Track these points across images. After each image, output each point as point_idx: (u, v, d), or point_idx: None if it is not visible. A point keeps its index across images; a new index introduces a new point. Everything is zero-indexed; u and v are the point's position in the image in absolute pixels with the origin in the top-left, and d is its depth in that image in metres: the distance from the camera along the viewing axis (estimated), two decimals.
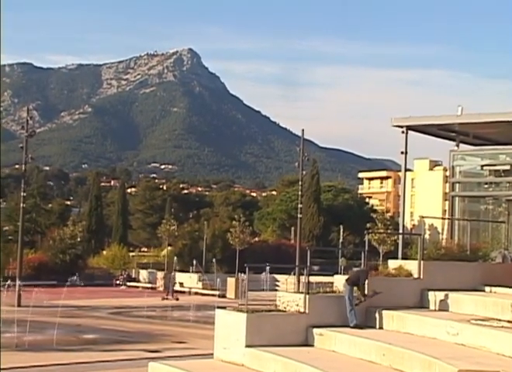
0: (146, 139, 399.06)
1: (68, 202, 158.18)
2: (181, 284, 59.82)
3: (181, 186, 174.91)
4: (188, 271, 62.05)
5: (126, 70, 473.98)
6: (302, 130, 56.92)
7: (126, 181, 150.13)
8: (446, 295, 19.24)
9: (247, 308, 17.84)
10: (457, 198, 25.05)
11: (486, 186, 25.02)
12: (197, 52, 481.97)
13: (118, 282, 64.57)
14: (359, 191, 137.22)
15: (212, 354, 18.06)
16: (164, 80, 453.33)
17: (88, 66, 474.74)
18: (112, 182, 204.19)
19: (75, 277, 60.10)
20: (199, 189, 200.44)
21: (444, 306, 19.09)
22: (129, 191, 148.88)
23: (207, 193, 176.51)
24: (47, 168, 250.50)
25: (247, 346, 17.14)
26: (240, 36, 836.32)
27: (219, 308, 19.21)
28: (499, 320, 16.94)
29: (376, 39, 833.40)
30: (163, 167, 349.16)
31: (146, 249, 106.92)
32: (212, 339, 18.22)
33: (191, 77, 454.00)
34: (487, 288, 20.11)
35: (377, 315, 18.50)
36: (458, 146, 25.97)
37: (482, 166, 25.02)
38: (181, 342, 28.34)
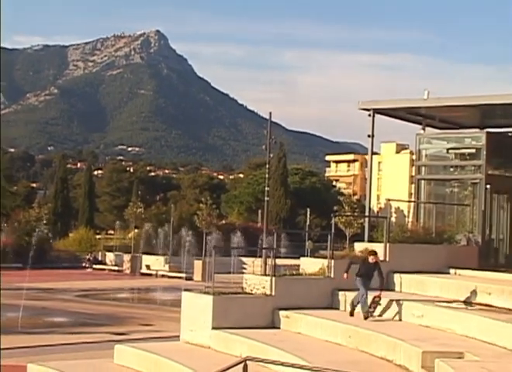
0: (113, 121, 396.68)
1: (34, 185, 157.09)
2: (148, 267, 59.77)
3: (148, 168, 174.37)
4: (154, 254, 61.94)
5: (92, 52, 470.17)
6: (270, 113, 56.93)
7: (92, 164, 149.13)
8: (411, 277, 19.40)
9: (213, 290, 17.84)
10: (423, 181, 25.18)
11: (451, 169, 25.17)
12: (164, 34, 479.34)
13: (84, 265, 64.33)
14: (326, 174, 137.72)
15: (178, 337, 18.06)
16: (131, 62, 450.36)
17: (54, 47, 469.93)
18: (79, 164, 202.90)
19: None
20: (166, 172, 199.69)
21: (409, 288, 19.24)
22: (95, 173, 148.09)
23: (174, 175, 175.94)
24: (12, 150, 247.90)
25: (214, 328, 17.16)
26: (208, 19, 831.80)
27: (185, 290, 19.21)
28: (464, 302, 17.13)
29: (346, 23, 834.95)
30: (130, 149, 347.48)
31: (112, 232, 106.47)
32: (179, 321, 18.21)
33: (158, 59, 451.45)
34: (452, 271, 20.31)
35: (343, 298, 18.60)
36: (424, 129, 26.08)
37: (448, 149, 25.15)
38: (147, 325, 28.33)
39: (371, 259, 17.10)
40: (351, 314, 16.97)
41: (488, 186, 23.21)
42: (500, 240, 24.28)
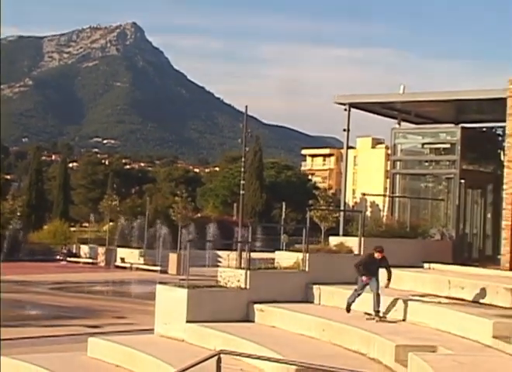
0: (88, 113, 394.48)
1: (8, 176, 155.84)
2: (123, 260, 59.59)
3: (123, 161, 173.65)
4: (129, 247, 61.76)
5: (68, 43, 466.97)
6: (246, 107, 56.85)
7: (67, 156, 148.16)
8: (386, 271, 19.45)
9: (188, 283, 17.82)
10: (398, 176, 25.29)
11: (426, 164, 25.30)
12: (141, 26, 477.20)
13: (59, 257, 64.00)
14: (302, 168, 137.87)
15: (152, 330, 18.03)
16: (107, 54, 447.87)
17: (28, 38, 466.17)
18: (54, 157, 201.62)
19: None
20: (142, 164, 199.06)
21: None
22: (70, 165, 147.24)
23: (150, 168, 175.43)
24: None
25: (188, 321, 17.15)
26: (185, 11, 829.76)
27: (160, 283, 19.17)
28: (437, 296, 17.22)
29: (321, 17, 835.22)
30: (105, 141, 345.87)
31: (87, 225, 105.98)
32: (153, 314, 18.18)
33: (134, 51, 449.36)
34: (426, 265, 20.43)
35: (317, 291, 18.65)
36: (399, 124, 26.19)
37: (423, 144, 25.28)
38: (121, 318, 28.26)
39: (377, 255, 16.44)
40: (348, 310, 16.54)
41: (462, 181, 23.36)
42: (474, 235, 24.45)
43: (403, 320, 16.08)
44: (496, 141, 24.11)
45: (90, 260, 62.70)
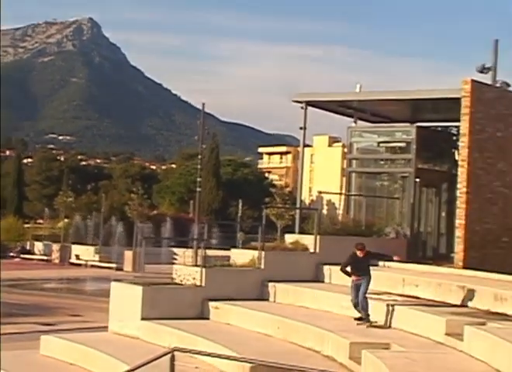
0: (43, 109, 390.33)
1: None
2: (78, 257, 59.10)
3: (79, 157, 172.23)
4: (84, 244, 61.28)
5: (23, 38, 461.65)
6: (203, 104, 56.81)
7: (21, 152, 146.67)
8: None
9: (143, 280, 17.76)
10: (354, 174, 25.43)
11: (382, 163, 25.47)
12: (97, 21, 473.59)
13: (12, 254, 63.25)
14: (259, 166, 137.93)
15: (107, 327, 17.92)
16: (63, 50, 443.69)
17: None
18: (8, 152, 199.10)
19: None
20: (98, 161, 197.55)
21: (339, 280, 19.37)
22: (25, 161, 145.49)
23: (106, 165, 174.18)
24: None
25: (143, 319, 17.09)
26: (142, 7, 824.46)
27: (115, 280, 19.06)
28: (391, 294, 17.35)
29: (278, 15, 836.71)
30: (61, 138, 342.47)
31: (42, 221, 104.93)
32: (108, 312, 18.06)
33: (91, 46, 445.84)
34: (381, 263, 20.52)
35: (273, 289, 18.68)
36: (355, 122, 26.33)
37: (379, 143, 25.45)
38: (76, 316, 28.01)
39: (358, 253, 15.49)
40: (365, 318, 15.26)
41: (417, 180, 23.56)
42: (428, 233, 24.69)
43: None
44: (451, 140, 24.35)
45: (44, 257, 62.07)
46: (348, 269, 15.82)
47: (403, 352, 12.71)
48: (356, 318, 15.30)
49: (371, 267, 15.88)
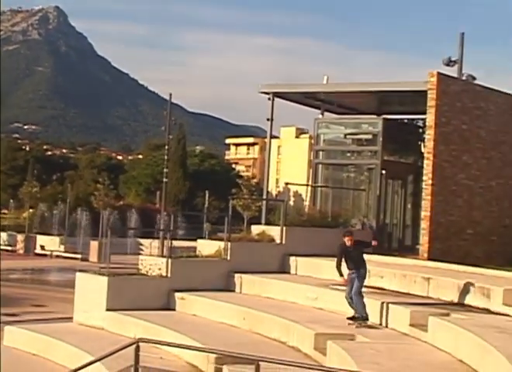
0: (8, 98, 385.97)
1: None
2: (43, 247, 58.63)
3: (44, 147, 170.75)
4: (50, 234, 60.81)
5: None
6: (170, 94, 56.53)
7: None
8: (307, 260, 19.63)
9: (108, 271, 17.66)
10: (320, 166, 25.48)
11: (348, 154, 25.55)
12: (64, 10, 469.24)
13: None
14: (226, 157, 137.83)
15: (72, 318, 17.81)
16: (28, 38, 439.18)
17: None
18: None
19: None
20: (64, 151, 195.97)
21: (304, 271, 19.47)
22: None
23: (72, 155, 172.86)
24: None
25: (108, 309, 17.02)
26: None
27: (80, 271, 18.95)
28: None
29: (247, 6, 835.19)
30: (26, 127, 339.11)
31: (6, 211, 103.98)
32: (73, 302, 17.96)
33: (57, 35, 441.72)
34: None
35: (239, 280, 18.68)
36: (322, 114, 26.38)
37: (346, 134, 25.52)
38: (40, 306, 27.76)
39: (347, 241, 14.57)
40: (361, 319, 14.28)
41: (383, 171, 23.66)
42: (394, 225, 24.82)
43: (321, 309, 16.24)
44: (417, 133, 24.49)
45: (9, 248, 61.44)
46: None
47: (368, 343, 12.78)
48: (348, 318, 14.19)
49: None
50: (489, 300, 14.61)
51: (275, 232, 20.45)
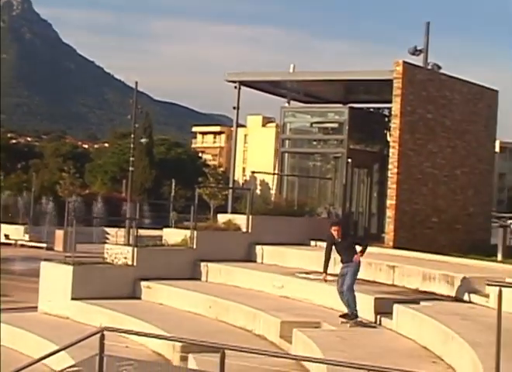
0: None
1: None
2: (7, 236, 58.11)
3: (9, 135, 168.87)
4: (14, 223, 60.27)
5: None
6: (136, 82, 56.21)
7: None
8: (273, 249, 19.66)
9: (73, 260, 17.57)
10: (287, 155, 25.50)
11: (314, 143, 25.58)
12: None
13: None
14: (192, 146, 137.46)
15: (36, 307, 17.68)
16: None
17: None
18: None
19: None
20: (29, 139, 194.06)
21: (270, 259, 19.51)
22: None
23: (37, 143, 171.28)
24: None
25: (73, 298, 16.94)
26: None
27: (45, 260, 18.83)
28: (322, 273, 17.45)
29: None
30: None
31: None
32: (38, 292, 17.83)
33: (21, 23, 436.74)
34: (312, 242, 20.70)
35: (205, 268, 18.67)
36: (289, 103, 26.38)
37: (312, 123, 25.54)
38: (4, 296, 27.55)
39: (335, 232, 13.60)
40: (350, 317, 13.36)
41: (349, 160, 23.73)
42: (360, 213, 24.93)
43: (287, 297, 16.28)
44: (383, 121, 24.57)
45: None
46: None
47: (334, 330, 12.84)
48: (341, 315, 13.32)
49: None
50: (453, 287, 14.74)
51: (241, 220, 20.45)
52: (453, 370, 10.06)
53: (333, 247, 13.82)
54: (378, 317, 13.59)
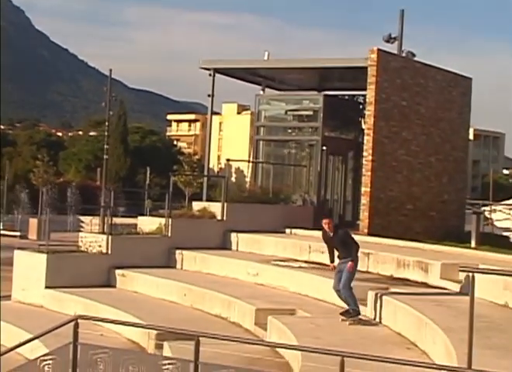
0: None
1: None
2: None
3: None
4: None
5: None
6: (110, 70, 55.87)
7: None
8: (248, 237, 19.67)
9: (47, 248, 17.48)
10: (262, 142, 25.47)
11: (289, 131, 25.56)
12: None
13: None
14: (167, 134, 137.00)
15: (10, 296, 17.58)
16: None
17: None
18: None
19: None
20: (2, 127, 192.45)
21: (245, 247, 19.52)
22: None
23: (10, 131, 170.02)
24: None
25: (47, 287, 16.87)
26: None
27: (19, 248, 18.71)
28: (297, 260, 17.53)
29: None
30: None
31: None
32: (12, 281, 17.73)
33: None
34: (288, 230, 20.75)
35: (180, 256, 18.65)
36: (264, 90, 26.34)
37: (287, 111, 25.53)
38: None
39: (326, 227, 12.67)
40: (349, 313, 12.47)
41: (324, 147, 23.76)
42: (335, 201, 24.98)
43: (262, 285, 16.30)
44: (358, 109, 24.61)
45: None
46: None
47: (308, 317, 12.88)
48: (341, 313, 12.42)
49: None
50: (427, 274, 14.82)
51: (216, 208, 20.43)
52: (427, 355, 10.12)
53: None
54: None
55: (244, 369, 8.37)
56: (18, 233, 51.58)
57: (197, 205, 21.10)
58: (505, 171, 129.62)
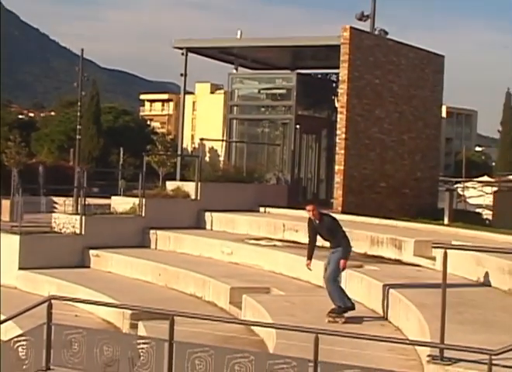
0: None
1: None
2: None
3: None
4: None
5: None
6: (82, 50, 55.28)
7: None
8: (222, 216, 19.68)
9: (20, 230, 17.38)
10: (235, 121, 25.43)
11: (263, 109, 25.53)
12: None
13: None
14: (141, 114, 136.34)
15: None
16: None
17: None
18: None
19: None
20: None
21: (219, 226, 19.54)
22: None
23: None
24: None
25: (21, 268, 16.80)
26: None
27: None
28: (271, 239, 17.58)
29: None
30: None
31: None
32: None
33: None
34: (262, 209, 20.78)
35: (154, 236, 18.62)
36: (236, 69, 26.26)
37: (260, 89, 25.49)
38: None
39: (307, 212, 11.67)
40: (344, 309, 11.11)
41: (297, 126, 23.77)
42: (309, 179, 25.03)
43: (236, 263, 16.33)
44: (331, 87, 24.62)
45: None
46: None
47: (283, 296, 12.92)
48: (328, 312, 10.99)
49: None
50: (400, 251, 14.92)
51: (190, 187, 20.41)
52: (400, 331, 10.20)
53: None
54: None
55: (220, 347, 8.39)
56: None
57: (171, 185, 21.06)
58: (477, 148, 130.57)
